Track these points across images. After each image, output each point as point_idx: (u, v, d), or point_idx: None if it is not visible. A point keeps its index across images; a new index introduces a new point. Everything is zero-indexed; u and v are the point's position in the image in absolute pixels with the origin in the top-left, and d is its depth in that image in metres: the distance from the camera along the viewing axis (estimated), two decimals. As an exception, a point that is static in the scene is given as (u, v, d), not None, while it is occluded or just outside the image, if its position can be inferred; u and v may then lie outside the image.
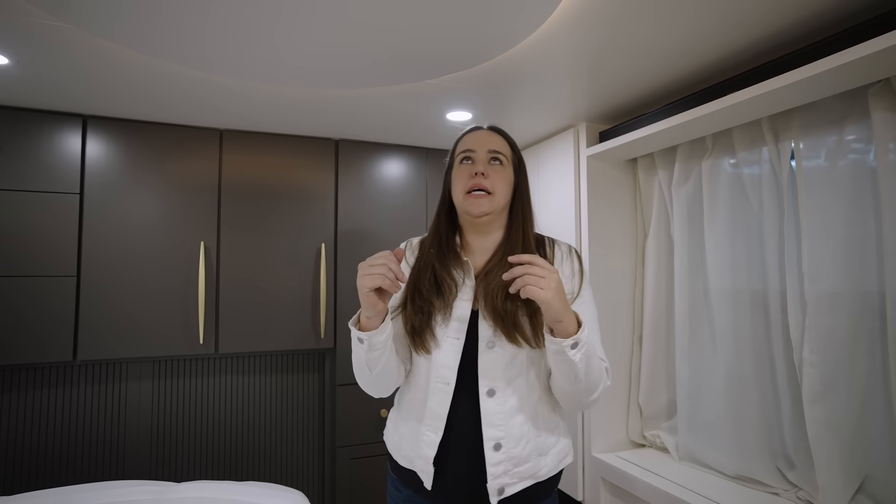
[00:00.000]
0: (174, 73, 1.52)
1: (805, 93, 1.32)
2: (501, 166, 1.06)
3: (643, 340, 1.97)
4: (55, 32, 1.27)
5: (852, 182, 1.36)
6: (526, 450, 1.00)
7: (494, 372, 0.99)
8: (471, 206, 1.03)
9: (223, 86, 1.62)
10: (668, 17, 1.22)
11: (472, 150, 1.07)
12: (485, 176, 1.03)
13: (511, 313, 0.97)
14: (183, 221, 1.98)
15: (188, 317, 1.97)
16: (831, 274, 1.37)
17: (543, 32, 1.28)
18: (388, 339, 0.99)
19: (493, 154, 1.06)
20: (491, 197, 1.03)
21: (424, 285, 1.04)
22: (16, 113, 1.80)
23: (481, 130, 1.12)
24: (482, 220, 1.05)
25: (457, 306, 1.02)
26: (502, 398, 0.99)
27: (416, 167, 2.34)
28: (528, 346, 0.98)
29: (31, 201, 1.80)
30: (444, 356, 1.00)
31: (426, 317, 1.02)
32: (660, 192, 1.93)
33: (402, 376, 1.10)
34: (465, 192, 1.04)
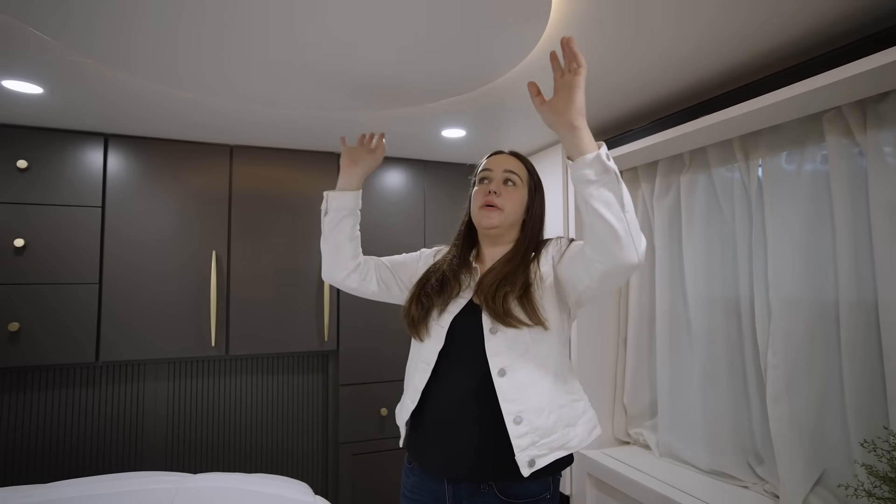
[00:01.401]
0: (188, 96, 1.66)
1: (769, 117, 1.44)
2: (514, 186, 1.19)
3: (628, 343, 2.09)
4: (80, 65, 1.41)
5: (812, 198, 1.47)
6: (550, 420, 1.06)
7: (500, 353, 1.07)
8: (482, 219, 1.17)
9: (233, 106, 1.75)
10: (647, 44, 1.34)
11: (490, 171, 1.21)
12: (497, 194, 1.16)
13: (500, 303, 1.07)
14: (196, 231, 2.12)
15: (201, 321, 2.10)
16: (792, 283, 1.49)
17: (531, 59, 1.39)
18: (346, 211, 1.27)
19: (508, 175, 1.19)
20: (500, 212, 1.16)
21: (431, 284, 1.19)
22: (44, 133, 1.94)
23: (502, 154, 1.24)
24: (491, 233, 1.19)
25: (454, 303, 1.15)
26: (512, 374, 1.06)
27: (415, 178, 2.47)
28: (525, 326, 1.07)
29: (57, 214, 1.94)
30: (432, 343, 1.14)
31: (425, 311, 1.17)
32: (643, 204, 2.05)
33: (349, 266, 1.28)
34: (479, 206, 1.18)
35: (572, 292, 1.10)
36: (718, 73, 1.49)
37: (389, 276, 1.32)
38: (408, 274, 1.32)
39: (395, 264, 1.34)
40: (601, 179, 0.91)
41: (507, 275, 1.11)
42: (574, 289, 1.09)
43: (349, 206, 1.28)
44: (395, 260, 1.36)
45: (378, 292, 1.32)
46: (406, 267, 1.34)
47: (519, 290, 1.09)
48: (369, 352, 2.33)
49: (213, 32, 1.15)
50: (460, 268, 1.21)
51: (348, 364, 2.30)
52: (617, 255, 0.93)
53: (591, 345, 2.09)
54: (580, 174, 0.92)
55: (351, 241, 1.29)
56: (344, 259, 1.28)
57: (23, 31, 1.20)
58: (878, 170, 1.28)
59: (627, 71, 1.48)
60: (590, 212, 0.93)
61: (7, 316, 1.87)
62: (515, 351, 1.08)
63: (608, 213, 0.91)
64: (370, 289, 1.31)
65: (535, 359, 1.08)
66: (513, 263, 1.14)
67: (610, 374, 2.14)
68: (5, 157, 1.89)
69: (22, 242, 1.88)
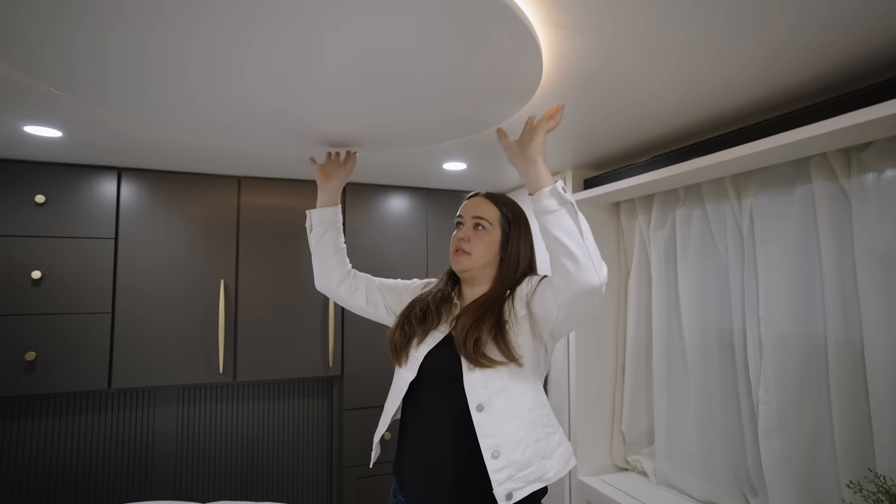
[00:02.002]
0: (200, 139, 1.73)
1: (758, 160, 1.48)
2: (484, 230, 1.25)
3: (626, 371, 2.13)
4: (94, 112, 1.48)
5: (801, 237, 1.51)
6: (526, 454, 1.10)
7: (478, 389, 1.12)
8: (454, 263, 1.26)
9: (242, 141, 1.82)
10: (644, 90, 1.39)
11: (462, 217, 1.29)
12: (466, 240, 1.24)
13: (471, 347, 1.13)
14: (205, 261, 2.19)
15: (209, 348, 2.16)
16: (783, 319, 1.53)
17: (530, 102, 1.44)
18: (328, 225, 1.41)
19: (477, 220, 1.26)
20: (469, 256, 1.23)
21: (416, 313, 1.27)
22: (61, 168, 2.02)
23: (476, 198, 1.31)
24: (464, 276, 1.27)
25: (431, 335, 1.23)
26: (490, 410, 1.11)
27: (418, 205, 2.53)
28: (500, 364, 1.12)
29: (72, 246, 2.01)
30: (407, 371, 1.22)
31: (406, 339, 1.24)
32: (640, 235, 2.09)
33: (338, 275, 1.41)
34: (452, 251, 1.27)
35: (545, 325, 1.16)
36: (710, 118, 1.54)
37: (378, 297, 1.42)
38: (396, 299, 1.41)
39: (385, 287, 1.44)
40: (560, 210, 1.02)
41: (476, 320, 1.17)
42: (546, 321, 1.15)
43: (330, 219, 1.43)
44: (388, 283, 1.45)
45: (365, 308, 1.43)
46: (395, 292, 1.42)
47: (492, 330, 1.15)
48: (372, 377, 2.38)
49: (230, 102, 1.22)
50: (442, 302, 1.29)
51: (352, 389, 2.35)
52: (579, 279, 1.01)
53: (589, 372, 2.13)
54: (541, 206, 1.03)
55: (336, 253, 1.42)
56: (332, 268, 1.41)
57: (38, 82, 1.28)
58: (861, 216, 1.32)
59: (621, 117, 1.54)
60: (552, 240, 1.03)
61: (24, 345, 1.94)
62: (493, 387, 1.13)
63: (568, 240, 1.01)
64: (358, 303, 1.42)
65: (512, 394, 1.14)
66: (485, 307, 1.20)
67: (608, 401, 2.18)
68: (25, 193, 1.97)
69: (39, 274, 1.95)
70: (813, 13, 0.96)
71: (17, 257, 1.95)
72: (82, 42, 0.90)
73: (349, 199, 2.41)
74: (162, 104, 1.22)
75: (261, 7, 0.81)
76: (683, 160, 1.63)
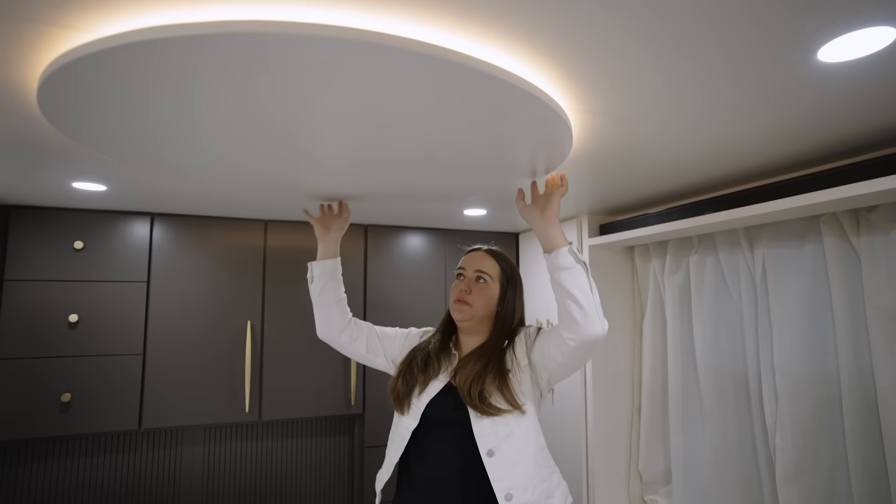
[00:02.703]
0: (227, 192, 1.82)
1: (770, 218, 1.56)
2: (485, 283, 1.34)
3: (642, 411, 2.17)
4: (138, 172, 1.58)
5: (813, 290, 1.58)
6: (535, 495, 1.18)
7: (487, 435, 1.19)
8: (455, 313, 1.33)
9: (268, 189, 1.91)
10: (658, 156, 1.48)
11: (464, 269, 1.38)
12: (468, 291, 1.32)
13: (476, 398, 1.21)
14: (232, 302, 2.26)
15: (236, 387, 2.23)
16: (798, 368, 1.58)
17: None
18: (328, 276, 1.47)
19: (479, 273, 1.35)
20: (470, 307, 1.31)
21: (417, 363, 1.34)
22: (99, 215, 2.12)
23: (478, 252, 1.41)
24: (463, 325, 1.35)
25: (432, 384, 1.29)
26: (500, 455, 1.18)
27: (436, 245, 2.61)
28: (506, 412, 1.20)
29: (107, 290, 2.10)
30: (409, 419, 1.27)
31: (409, 388, 1.30)
32: (654, 278, 2.16)
33: (339, 325, 1.47)
34: (453, 301, 1.35)
35: (544, 372, 1.27)
36: (722, 176, 1.62)
37: (377, 345, 1.47)
38: (394, 349, 1.46)
39: (385, 336, 1.49)
40: (576, 267, 1.15)
41: (480, 371, 1.25)
42: (546, 368, 1.26)
43: (330, 271, 1.49)
44: (387, 332, 1.50)
45: (365, 356, 1.48)
46: (394, 342, 1.48)
47: (496, 380, 1.23)
48: (392, 415, 2.42)
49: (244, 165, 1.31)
50: (441, 351, 1.36)
51: (373, 426, 2.40)
52: (586, 330, 1.14)
53: (606, 411, 2.18)
54: (558, 263, 1.16)
55: (337, 303, 1.48)
56: (333, 318, 1.47)
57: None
58: (871, 274, 1.39)
59: (636, 176, 1.62)
60: (564, 294, 1.15)
61: (61, 387, 2.00)
62: (501, 432, 1.20)
63: (580, 295, 1.14)
64: (359, 351, 1.47)
65: (519, 438, 1.21)
66: (485, 358, 1.28)
67: (625, 441, 2.22)
68: (65, 240, 2.06)
69: (76, 317, 2.03)
70: (820, 101, 1.04)
71: (56, 301, 2.03)
72: (134, 123, 1.00)
73: (369, 241, 2.50)
74: (200, 169, 1.31)
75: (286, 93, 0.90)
76: (697, 214, 1.71)
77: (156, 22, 0.72)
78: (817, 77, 0.93)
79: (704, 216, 1.66)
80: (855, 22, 0.75)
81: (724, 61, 0.87)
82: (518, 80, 0.85)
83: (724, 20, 0.74)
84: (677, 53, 0.84)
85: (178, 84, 0.82)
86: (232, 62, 0.75)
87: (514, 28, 0.77)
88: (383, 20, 0.73)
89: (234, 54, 0.73)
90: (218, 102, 0.88)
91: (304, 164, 1.25)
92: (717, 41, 0.80)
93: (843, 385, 1.46)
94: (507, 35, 0.78)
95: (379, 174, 1.36)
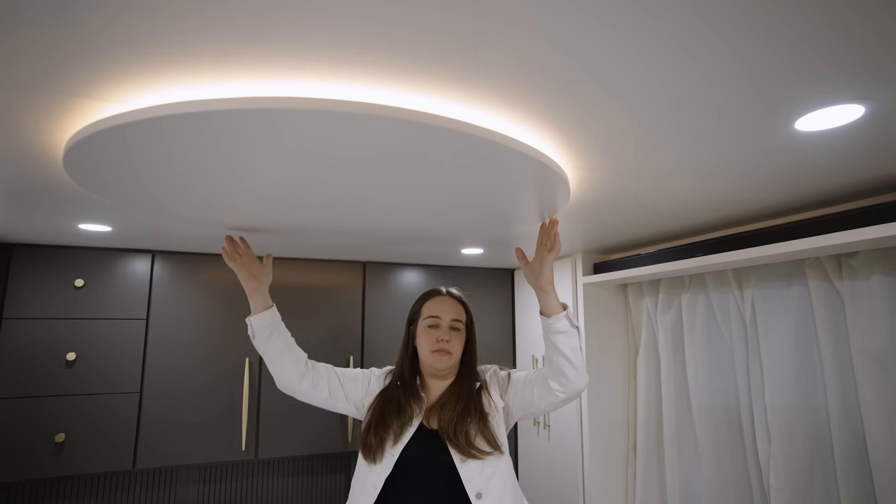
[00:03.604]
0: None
1: (758, 261, 1.62)
2: (458, 332, 1.42)
3: (637, 448, 2.19)
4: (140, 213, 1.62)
5: (801, 331, 1.63)
6: None
7: (475, 479, 1.25)
8: (436, 363, 1.37)
9: (271, 238, 1.95)
10: (650, 203, 1.54)
11: (439, 318, 1.41)
12: (448, 341, 1.38)
13: (462, 440, 1.27)
14: (231, 339, 2.27)
15: (233, 425, 2.22)
16: (788, 408, 1.63)
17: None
18: (272, 327, 1.41)
19: (454, 323, 1.42)
20: (450, 356, 1.38)
21: (388, 412, 1.34)
22: (101, 252, 2.14)
23: (445, 298, 1.46)
24: (443, 373, 1.40)
25: (406, 431, 1.31)
26: (488, 496, 1.24)
27: (434, 282, 2.65)
28: (487, 454, 1.27)
29: (106, 328, 2.10)
30: (382, 467, 1.28)
31: (380, 439, 1.31)
32: (647, 315, 2.21)
33: (296, 372, 1.40)
34: (431, 350, 1.38)
35: (520, 413, 1.39)
36: (714, 220, 1.69)
37: (339, 390, 1.45)
38: (357, 392, 1.46)
39: (346, 379, 1.48)
40: (571, 330, 1.27)
41: (461, 415, 1.31)
42: (524, 410, 1.38)
43: (271, 321, 1.44)
44: (348, 374, 1.49)
45: (328, 401, 1.44)
46: (356, 385, 1.47)
47: (479, 424, 1.30)
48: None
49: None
50: (409, 396, 1.38)
51: (369, 464, 2.38)
52: (576, 384, 1.28)
53: (602, 448, 2.19)
54: (555, 327, 1.26)
55: (287, 349, 1.42)
56: (288, 366, 1.41)
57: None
58: (854, 316, 1.45)
59: (629, 224, 1.69)
60: (558, 353, 1.27)
61: (54, 427, 1.99)
62: (486, 474, 1.26)
63: (572, 355, 1.27)
64: (321, 396, 1.43)
65: (500, 478, 1.28)
66: (463, 401, 1.34)
67: (621, 478, 2.23)
68: (66, 278, 2.07)
69: (73, 356, 2.03)
70: (796, 162, 1.12)
71: (55, 340, 2.03)
72: (141, 174, 1.04)
73: (368, 278, 2.53)
74: (206, 213, 1.36)
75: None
76: (688, 256, 1.77)
77: (174, 89, 0.77)
78: (794, 143, 1.00)
79: (695, 258, 1.73)
80: (828, 100, 0.82)
81: (713, 129, 0.94)
82: (521, 145, 0.91)
83: (713, 96, 0.81)
84: (670, 122, 0.91)
85: (192, 152, 0.87)
86: (252, 130, 0.80)
87: (516, 100, 0.83)
88: (407, 96, 0.79)
89: (254, 125, 0.78)
90: (228, 169, 0.93)
91: (309, 212, 1.30)
92: (706, 113, 0.87)
93: (833, 423, 1.51)
94: (509, 104, 0.85)
95: (383, 222, 1.41)
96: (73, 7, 0.59)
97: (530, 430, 2.56)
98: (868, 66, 0.72)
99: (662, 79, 0.76)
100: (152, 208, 1.25)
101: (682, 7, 0.59)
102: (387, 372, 1.51)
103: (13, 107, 0.84)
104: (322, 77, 0.74)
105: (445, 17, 0.62)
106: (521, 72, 0.74)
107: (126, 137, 0.83)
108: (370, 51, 0.68)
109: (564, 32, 0.65)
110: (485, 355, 2.69)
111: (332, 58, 0.70)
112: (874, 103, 0.83)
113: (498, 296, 2.77)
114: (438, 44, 0.67)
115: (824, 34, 0.65)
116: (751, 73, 0.74)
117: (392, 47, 0.68)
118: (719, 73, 0.74)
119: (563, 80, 0.76)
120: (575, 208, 1.50)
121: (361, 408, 1.45)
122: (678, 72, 0.74)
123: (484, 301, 2.72)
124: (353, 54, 0.69)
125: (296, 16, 0.61)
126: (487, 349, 2.71)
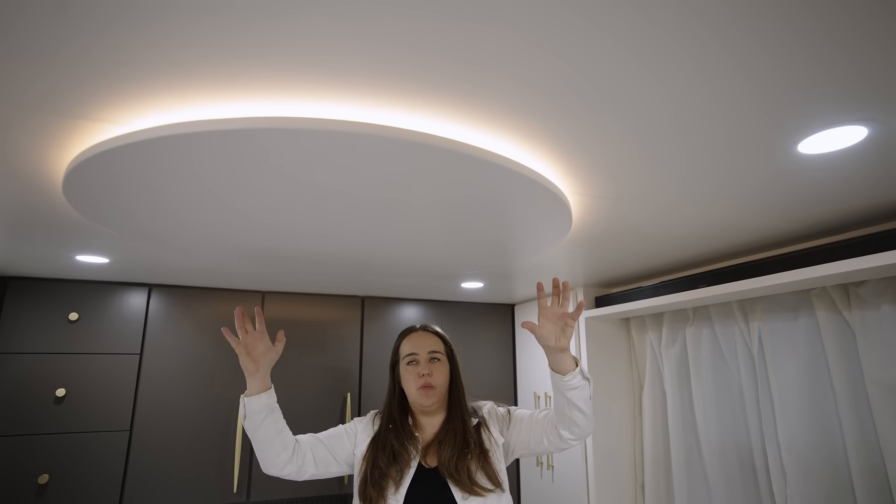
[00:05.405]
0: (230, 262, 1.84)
1: (762, 292, 1.60)
2: (440, 362, 1.40)
3: (645, 489, 2.10)
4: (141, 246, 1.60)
5: (811, 364, 1.59)
6: None
7: None
8: (423, 400, 1.35)
9: (266, 264, 1.93)
10: (653, 232, 1.53)
11: (416, 354, 1.40)
12: (429, 375, 1.36)
13: (464, 474, 1.25)
14: (226, 376, 2.21)
15: (225, 466, 2.13)
16: (803, 446, 1.56)
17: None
18: (266, 410, 1.29)
19: (432, 354, 1.40)
20: (435, 390, 1.36)
21: (382, 459, 1.30)
22: (96, 285, 2.11)
23: (419, 333, 1.45)
24: (431, 409, 1.38)
25: (406, 475, 1.28)
26: None
27: (433, 317, 2.61)
28: (489, 491, 1.25)
29: (98, 363, 2.05)
30: None
31: (380, 489, 1.26)
32: (651, 350, 2.17)
33: (284, 458, 1.31)
34: (416, 388, 1.36)
35: (522, 451, 1.40)
36: (716, 250, 1.68)
37: (327, 455, 1.38)
38: (345, 449, 1.40)
39: (331, 440, 1.40)
40: (584, 384, 1.25)
41: (461, 451, 1.29)
42: (527, 449, 1.38)
43: (267, 405, 1.30)
44: (332, 435, 1.42)
45: (317, 473, 1.37)
46: (343, 441, 1.41)
47: (479, 460, 1.28)
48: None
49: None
50: (403, 437, 1.34)
51: (366, 509, 2.28)
52: (587, 431, 1.30)
53: (608, 489, 2.10)
54: (570, 384, 1.23)
55: (278, 435, 1.30)
56: (276, 453, 1.30)
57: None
58: (867, 348, 1.42)
59: (632, 256, 1.68)
60: (572, 406, 1.25)
61: (38, 468, 1.90)
62: None
63: (584, 406, 1.26)
64: (309, 472, 1.35)
65: None
66: (461, 436, 1.32)
67: (631, 522, 2.12)
68: (60, 311, 2.04)
69: (63, 392, 1.97)
70: (800, 186, 1.11)
71: (45, 375, 1.97)
72: (127, 199, 1.03)
73: (366, 312, 2.49)
74: (201, 245, 1.34)
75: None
76: (691, 287, 1.75)
77: (178, 111, 0.77)
78: (799, 166, 1.00)
79: (698, 290, 1.70)
80: (833, 121, 0.82)
81: (720, 147, 0.94)
82: (523, 168, 0.90)
83: (720, 109, 0.81)
84: (678, 141, 0.91)
85: (188, 175, 0.86)
86: (250, 153, 0.80)
87: (517, 123, 0.83)
88: (412, 118, 0.79)
89: (257, 146, 0.78)
90: (224, 190, 0.93)
91: (309, 239, 1.29)
92: (713, 128, 0.87)
93: (852, 461, 1.44)
94: (511, 128, 0.85)
95: (381, 249, 1.40)
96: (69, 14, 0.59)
97: (533, 470, 2.46)
98: (875, 83, 0.72)
99: (671, 94, 0.75)
100: (148, 236, 1.23)
101: (690, 19, 0.60)
102: (373, 416, 1.47)
103: (13, 131, 0.84)
104: (314, 97, 0.74)
105: (440, 34, 0.62)
106: (520, 91, 0.74)
107: (113, 162, 0.82)
108: (362, 69, 0.69)
109: (572, 44, 0.65)
110: (485, 392, 2.64)
111: (325, 78, 0.70)
112: (877, 125, 0.83)
113: (498, 331, 2.73)
114: (433, 63, 0.67)
115: (832, 52, 0.65)
116: (759, 91, 0.74)
117: (382, 66, 0.68)
118: (727, 88, 0.74)
119: (564, 98, 0.76)
120: (577, 238, 1.49)
121: (353, 461, 1.40)
122: (686, 87, 0.74)
123: (484, 336, 2.68)
124: (347, 75, 0.69)
125: (287, 36, 0.61)
126: (488, 385, 2.64)
